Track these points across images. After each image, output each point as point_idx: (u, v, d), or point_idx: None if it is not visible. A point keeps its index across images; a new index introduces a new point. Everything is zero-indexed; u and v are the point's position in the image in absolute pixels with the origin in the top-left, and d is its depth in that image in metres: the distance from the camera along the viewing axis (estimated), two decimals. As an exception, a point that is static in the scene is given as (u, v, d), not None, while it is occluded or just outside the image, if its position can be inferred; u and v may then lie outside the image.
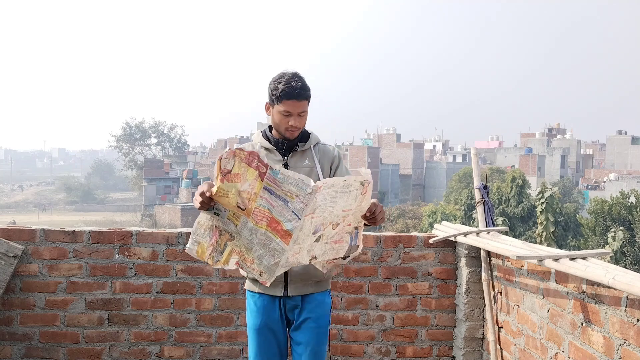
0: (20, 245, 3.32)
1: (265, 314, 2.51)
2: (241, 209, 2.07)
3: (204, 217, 2.17)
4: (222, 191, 2.04)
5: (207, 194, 2.10)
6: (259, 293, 2.53)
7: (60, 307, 3.42)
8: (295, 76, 2.42)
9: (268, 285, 2.25)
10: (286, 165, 2.51)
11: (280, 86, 2.39)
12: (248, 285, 2.58)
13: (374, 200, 2.27)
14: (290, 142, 2.53)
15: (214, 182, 2.08)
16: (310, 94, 2.45)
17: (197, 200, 2.13)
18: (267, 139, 2.56)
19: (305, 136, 2.58)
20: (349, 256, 2.35)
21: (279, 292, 2.50)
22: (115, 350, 3.48)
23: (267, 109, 2.51)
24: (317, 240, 2.18)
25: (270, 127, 2.57)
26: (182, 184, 61.24)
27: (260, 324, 2.51)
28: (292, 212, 2.02)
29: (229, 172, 2.00)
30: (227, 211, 2.14)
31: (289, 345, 2.61)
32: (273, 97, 2.43)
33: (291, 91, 2.37)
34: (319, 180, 2.51)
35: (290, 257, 2.16)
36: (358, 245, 2.34)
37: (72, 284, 3.42)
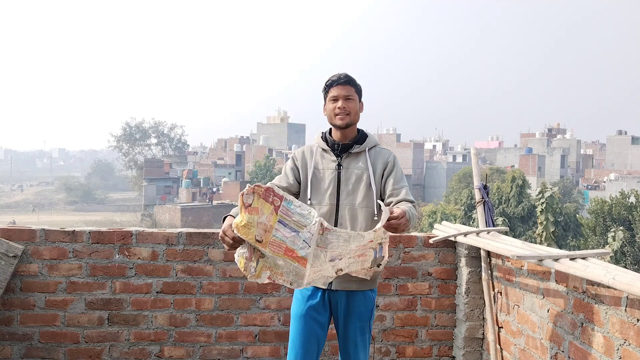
0: (20, 245, 3.32)
1: (308, 302, 2.65)
2: (258, 241, 2.26)
3: None
4: (247, 224, 2.23)
5: (230, 231, 2.26)
6: None
7: (60, 307, 3.42)
8: (341, 72, 2.66)
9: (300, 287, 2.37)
10: (339, 166, 2.65)
11: (328, 79, 2.65)
12: None
13: (400, 209, 2.34)
14: (345, 144, 2.65)
15: (239, 214, 2.25)
16: (355, 82, 2.65)
17: (224, 243, 2.32)
18: (325, 140, 2.71)
19: (362, 139, 2.69)
20: (381, 264, 2.47)
21: (324, 285, 2.59)
22: (115, 350, 3.48)
23: (324, 109, 2.68)
24: (339, 259, 2.36)
25: (330, 130, 2.72)
26: (182, 184, 61.18)
27: (303, 312, 2.65)
28: (303, 240, 2.24)
29: (250, 205, 2.21)
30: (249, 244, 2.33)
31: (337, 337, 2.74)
32: (324, 92, 2.67)
33: (335, 79, 2.63)
34: (370, 183, 2.62)
35: (312, 274, 2.33)
36: (383, 256, 2.45)
37: (72, 284, 3.42)
